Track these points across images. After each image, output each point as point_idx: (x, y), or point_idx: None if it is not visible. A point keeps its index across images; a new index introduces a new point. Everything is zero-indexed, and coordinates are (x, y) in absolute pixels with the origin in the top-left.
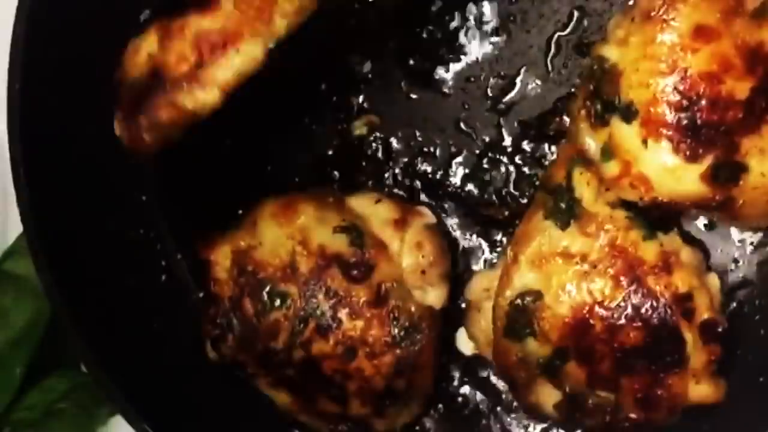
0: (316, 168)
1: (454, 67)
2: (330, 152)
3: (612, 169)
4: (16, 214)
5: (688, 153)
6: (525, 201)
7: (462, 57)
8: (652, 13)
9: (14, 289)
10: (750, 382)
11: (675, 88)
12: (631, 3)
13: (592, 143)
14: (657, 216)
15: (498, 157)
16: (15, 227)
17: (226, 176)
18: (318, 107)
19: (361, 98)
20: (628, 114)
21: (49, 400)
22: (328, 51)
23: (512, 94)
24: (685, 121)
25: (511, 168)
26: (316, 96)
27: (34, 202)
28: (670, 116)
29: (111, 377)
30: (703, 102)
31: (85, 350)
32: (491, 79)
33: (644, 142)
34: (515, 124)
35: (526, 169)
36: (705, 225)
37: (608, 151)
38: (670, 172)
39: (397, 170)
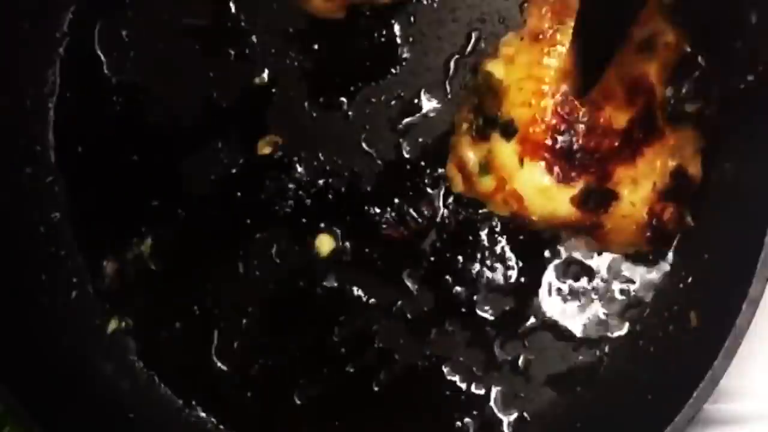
0: (220, 186)
1: (356, 88)
2: (234, 170)
3: (487, 184)
4: None
5: (561, 175)
6: (424, 222)
7: (363, 78)
8: (540, 36)
9: None
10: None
11: (555, 111)
12: (523, 23)
13: (471, 156)
14: None
15: (399, 177)
16: None
17: (134, 191)
18: (223, 125)
19: (265, 117)
20: (508, 131)
21: None
22: (233, 69)
23: (412, 116)
24: (561, 144)
25: (412, 188)
26: (221, 114)
27: None
28: (548, 138)
29: (18, 396)
30: (581, 127)
31: None
32: (392, 101)
33: (521, 160)
34: (415, 145)
35: (427, 189)
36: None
37: (485, 166)
38: (542, 191)
39: (300, 190)
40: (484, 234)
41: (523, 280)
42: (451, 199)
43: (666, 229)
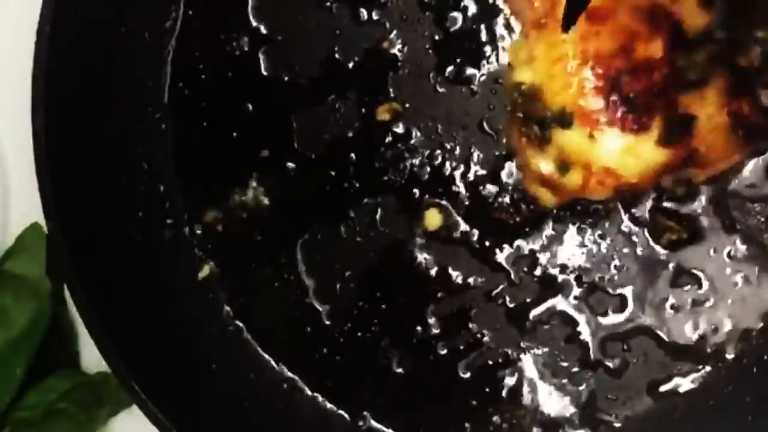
0: (334, 146)
1: (485, 66)
2: (350, 134)
3: (574, 178)
4: (17, 213)
5: (635, 127)
6: (538, 211)
7: (494, 57)
8: (542, 20)
9: (14, 289)
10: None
11: (595, 75)
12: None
13: (544, 164)
14: None
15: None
16: (15, 227)
17: (244, 139)
18: (344, 86)
19: (387, 83)
20: (564, 120)
21: (49, 400)
22: (361, 29)
23: None
24: (617, 100)
25: None
26: (343, 74)
27: (49, 149)
28: (602, 102)
29: (103, 328)
30: (626, 76)
31: (87, 309)
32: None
33: (591, 137)
34: None
35: None
36: None
37: (563, 164)
38: (627, 152)
39: (414, 161)
40: (596, 233)
41: (630, 282)
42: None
43: (752, 120)
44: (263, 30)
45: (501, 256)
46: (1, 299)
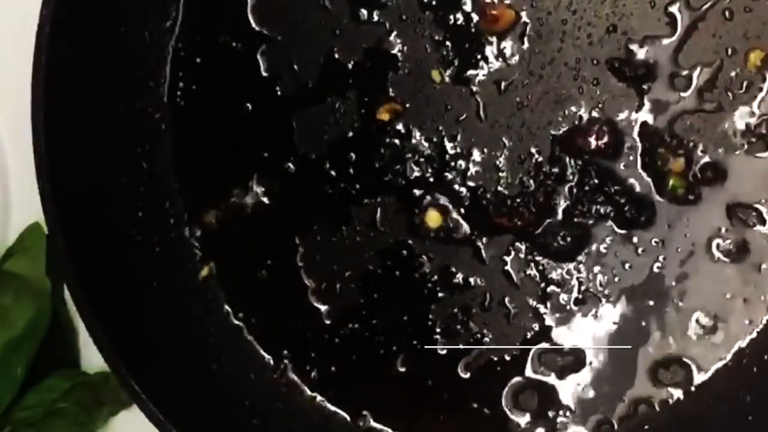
0: (334, 146)
1: (485, 66)
2: (350, 134)
3: None
4: (17, 213)
5: None
6: (539, 217)
7: (494, 57)
8: None
9: (14, 289)
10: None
11: None
12: None
13: None
14: None
15: (522, 167)
16: (15, 227)
17: (244, 139)
18: (344, 86)
19: (387, 83)
20: None
21: (49, 400)
22: (361, 29)
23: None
24: None
25: (533, 180)
26: (343, 74)
27: (49, 149)
28: None
29: (104, 328)
30: None
31: (85, 303)
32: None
33: None
34: (544, 137)
35: (549, 183)
36: None
37: None
38: None
39: (415, 161)
40: (595, 243)
41: (628, 286)
42: (571, 201)
43: None
44: (263, 30)
45: (501, 256)
46: (1, 299)
